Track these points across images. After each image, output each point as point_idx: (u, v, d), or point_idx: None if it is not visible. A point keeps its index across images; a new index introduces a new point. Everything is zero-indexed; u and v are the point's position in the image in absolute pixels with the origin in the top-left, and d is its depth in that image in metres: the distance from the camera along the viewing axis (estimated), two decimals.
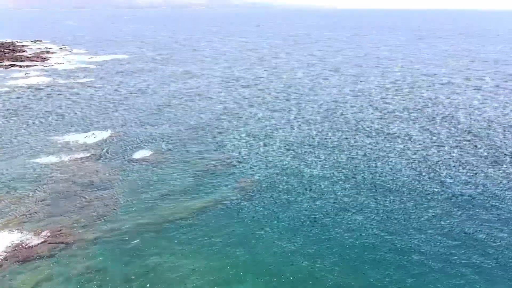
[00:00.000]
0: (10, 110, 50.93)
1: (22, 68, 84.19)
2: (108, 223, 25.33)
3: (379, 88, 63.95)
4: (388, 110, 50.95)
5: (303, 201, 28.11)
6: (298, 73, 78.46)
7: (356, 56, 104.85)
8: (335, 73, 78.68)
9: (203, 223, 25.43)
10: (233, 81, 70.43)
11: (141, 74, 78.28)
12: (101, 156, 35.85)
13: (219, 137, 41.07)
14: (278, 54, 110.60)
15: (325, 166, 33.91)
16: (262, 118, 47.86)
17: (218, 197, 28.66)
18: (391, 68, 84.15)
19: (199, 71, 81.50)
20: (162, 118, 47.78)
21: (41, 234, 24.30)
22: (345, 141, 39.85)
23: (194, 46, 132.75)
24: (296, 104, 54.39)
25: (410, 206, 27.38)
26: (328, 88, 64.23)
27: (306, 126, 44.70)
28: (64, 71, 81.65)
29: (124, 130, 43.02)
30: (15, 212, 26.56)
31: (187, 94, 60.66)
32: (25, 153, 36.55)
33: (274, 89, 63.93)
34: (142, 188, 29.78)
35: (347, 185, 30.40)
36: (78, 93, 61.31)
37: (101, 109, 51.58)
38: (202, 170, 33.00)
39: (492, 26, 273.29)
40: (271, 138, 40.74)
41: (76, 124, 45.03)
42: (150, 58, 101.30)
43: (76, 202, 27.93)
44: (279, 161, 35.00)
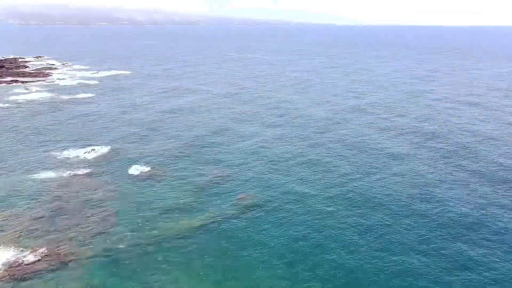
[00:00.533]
0: (10, 126, 51.10)
1: (24, 84, 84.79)
2: (106, 241, 25.10)
3: (375, 104, 64.20)
4: (382, 126, 51.02)
5: (300, 218, 27.87)
6: (295, 89, 78.88)
7: (352, 72, 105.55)
8: (332, 88, 79.07)
9: (201, 241, 25.19)
10: (230, 97, 70.75)
11: (141, 89, 78.73)
12: (100, 172, 35.78)
13: (216, 153, 41.04)
14: (276, 69, 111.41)
15: (321, 182, 33.75)
16: (258, 134, 47.88)
17: (216, 214, 28.46)
18: (387, 83, 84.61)
19: (197, 86, 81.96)
20: (160, 133, 47.86)
21: (38, 251, 24.07)
22: (339, 157, 39.78)
23: (193, 62, 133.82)
24: (291, 119, 54.50)
25: (406, 224, 27.16)
26: (323, 104, 64.46)
27: (301, 141, 44.67)
28: (66, 86, 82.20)
29: (123, 145, 43.04)
30: (13, 228, 26.37)
31: (184, 109, 60.87)
32: (25, 168, 36.52)
33: (269, 104, 64.16)
34: (140, 205, 29.61)
35: (342, 202, 30.21)
36: (79, 108, 61.58)
37: (101, 125, 51.73)
38: (200, 187, 32.87)
39: (483, 42, 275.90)
40: (267, 154, 40.67)
41: (76, 140, 45.09)
42: (150, 74, 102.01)
43: (74, 218, 27.75)
44: (276, 177, 34.87)
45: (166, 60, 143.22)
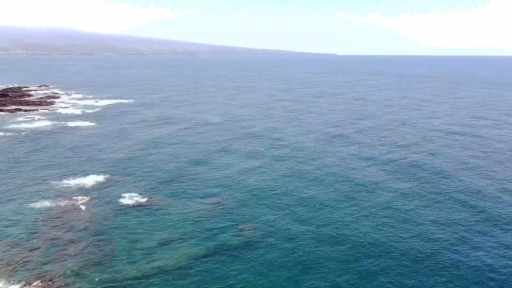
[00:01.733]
0: (10, 154, 50.88)
1: (26, 112, 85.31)
2: (104, 273, 24.28)
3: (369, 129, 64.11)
4: (369, 156, 50.66)
5: (304, 247, 27.10)
6: (285, 118, 79.11)
7: (345, 102, 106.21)
8: (321, 116, 79.30)
9: (203, 273, 24.37)
10: (226, 125, 70.82)
11: (140, 118, 79.03)
12: (98, 201, 35.19)
13: (215, 182, 40.50)
14: (269, 98, 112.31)
15: (319, 216, 33.11)
16: (259, 163, 47.47)
17: (218, 243, 27.71)
18: (376, 112, 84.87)
19: (196, 114, 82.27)
20: (158, 162, 47.42)
21: (33, 284, 23.26)
22: (331, 194, 39.21)
23: (191, 91, 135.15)
24: (284, 148, 54.22)
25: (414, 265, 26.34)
26: (312, 132, 64.39)
27: (295, 171, 44.22)
28: (68, 115, 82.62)
29: (121, 174, 42.59)
30: (8, 259, 25.61)
31: (183, 137, 60.77)
32: (22, 197, 35.95)
33: (263, 134, 64.13)
34: (138, 235, 28.89)
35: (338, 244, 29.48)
36: (79, 137, 61.56)
37: (100, 153, 51.47)
38: (198, 216, 32.21)
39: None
40: (267, 182, 40.14)
41: (75, 168, 44.70)
42: (150, 103, 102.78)
43: (70, 249, 27.00)
44: (278, 206, 34.22)
45: (166, 89, 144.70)
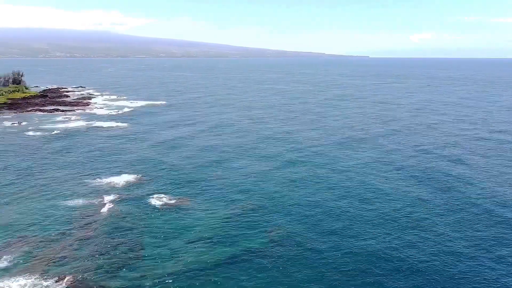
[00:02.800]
0: (48, 153, 52.85)
1: (63, 113, 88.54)
2: (132, 271, 24.71)
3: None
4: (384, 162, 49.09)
5: (329, 257, 26.61)
6: (308, 121, 78.16)
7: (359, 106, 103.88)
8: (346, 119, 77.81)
9: (228, 275, 24.37)
10: (252, 126, 70.79)
11: (173, 120, 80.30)
12: (129, 200, 35.93)
13: (243, 183, 40.52)
14: (294, 100, 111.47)
15: (355, 215, 32.40)
16: (291, 163, 47.10)
17: (244, 247, 27.66)
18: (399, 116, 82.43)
19: (227, 115, 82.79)
20: (190, 163, 47.94)
21: (65, 280, 23.95)
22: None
23: (223, 92, 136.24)
24: (310, 152, 53.51)
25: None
26: (335, 135, 63.22)
27: (332, 174, 43.52)
28: (102, 116, 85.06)
29: (153, 174, 43.32)
30: (42, 254, 26.52)
31: (215, 138, 61.19)
32: (58, 195, 37.20)
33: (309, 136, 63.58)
34: (167, 235, 29.25)
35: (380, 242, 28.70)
36: (113, 137, 63.21)
37: (132, 153, 52.62)
38: (227, 217, 32.28)
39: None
40: (298, 184, 39.76)
41: (108, 167, 45.89)
42: (184, 104, 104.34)
43: (101, 246, 27.65)
44: (309, 209, 33.81)
45: (196, 90, 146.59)
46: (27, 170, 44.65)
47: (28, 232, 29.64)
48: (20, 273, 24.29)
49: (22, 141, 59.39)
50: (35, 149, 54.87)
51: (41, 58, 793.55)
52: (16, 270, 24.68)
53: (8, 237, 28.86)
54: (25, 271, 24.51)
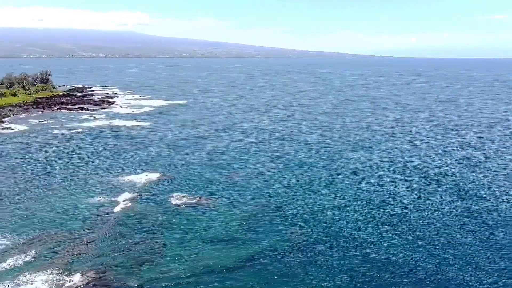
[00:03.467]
0: (71, 150, 53.97)
1: (88, 111, 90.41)
2: (152, 270, 24.85)
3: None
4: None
5: (357, 262, 26.11)
6: (323, 122, 77.14)
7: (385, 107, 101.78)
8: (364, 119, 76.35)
9: (248, 275, 24.20)
10: (283, 126, 70.44)
11: (197, 119, 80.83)
12: (149, 199, 36.24)
13: (264, 183, 40.29)
14: (310, 100, 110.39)
15: (372, 218, 31.73)
16: (314, 164, 46.60)
17: (265, 247, 27.45)
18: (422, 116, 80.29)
19: (253, 116, 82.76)
20: (209, 163, 48.01)
21: (86, 275, 24.29)
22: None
23: (242, 92, 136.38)
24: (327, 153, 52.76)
25: None
26: (350, 136, 62.05)
27: (348, 175, 42.80)
28: (126, 114, 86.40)
29: (174, 173, 43.61)
30: (65, 250, 27.00)
31: (235, 138, 61.21)
32: (80, 192, 37.88)
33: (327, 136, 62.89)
34: (186, 234, 29.30)
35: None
36: (137, 135, 64.07)
37: (154, 152, 53.17)
38: (247, 217, 32.13)
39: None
40: (320, 186, 39.25)
41: (131, 165, 46.48)
42: (206, 103, 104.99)
43: (122, 244, 27.94)
44: (328, 212, 33.31)
45: (218, 90, 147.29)
46: (52, 167, 45.69)
47: (52, 228, 30.24)
48: (43, 268, 24.78)
49: (48, 139, 60.88)
50: (59, 146, 56.14)
51: (67, 58, 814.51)
52: (39, 264, 25.20)
53: (33, 232, 29.52)
54: (48, 266, 24.99)
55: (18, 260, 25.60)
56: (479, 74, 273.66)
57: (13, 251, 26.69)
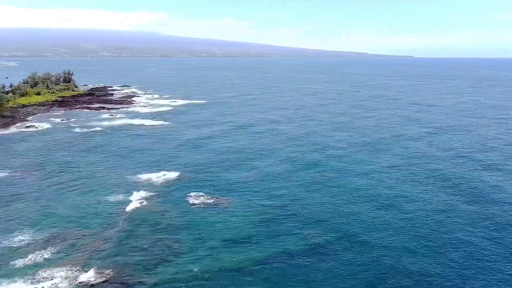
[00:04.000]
0: (91, 149, 54.84)
1: (109, 111, 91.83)
2: (169, 269, 24.93)
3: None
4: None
5: (368, 260, 25.61)
6: (338, 122, 76.08)
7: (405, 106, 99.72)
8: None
9: (265, 276, 24.01)
10: (301, 127, 69.98)
11: (215, 119, 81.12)
12: (168, 197, 36.46)
13: (284, 186, 40.04)
14: (327, 101, 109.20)
15: (394, 221, 31.08)
16: (327, 164, 46.08)
17: (281, 248, 27.21)
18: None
19: (271, 116, 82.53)
20: (227, 162, 48.05)
21: (104, 273, 24.54)
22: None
23: (260, 92, 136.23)
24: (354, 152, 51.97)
25: None
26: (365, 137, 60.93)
27: (365, 176, 42.09)
28: (145, 114, 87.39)
29: (192, 172, 43.76)
30: (84, 247, 27.36)
31: (252, 137, 61.10)
32: (99, 189, 38.38)
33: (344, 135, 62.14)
34: (204, 234, 29.30)
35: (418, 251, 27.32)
36: (156, 135, 64.69)
37: (174, 151, 53.54)
38: (265, 220, 31.93)
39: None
40: (336, 187, 38.75)
41: (149, 164, 46.90)
42: (223, 102, 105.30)
43: (141, 242, 28.14)
44: (346, 214, 32.83)
45: (236, 90, 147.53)
46: (72, 165, 46.50)
47: (71, 225, 30.70)
48: (62, 265, 25.15)
49: (69, 137, 62.06)
50: (80, 145, 57.13)
51: (90, 58, 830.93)
52: (58, 261, 25.58)
53: (52, 229, 30.02)
54: (67, 263, 25.35)
55: (38, 256, 26.08)
56: (502, 75, 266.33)
57: (33, 247, 27.19)
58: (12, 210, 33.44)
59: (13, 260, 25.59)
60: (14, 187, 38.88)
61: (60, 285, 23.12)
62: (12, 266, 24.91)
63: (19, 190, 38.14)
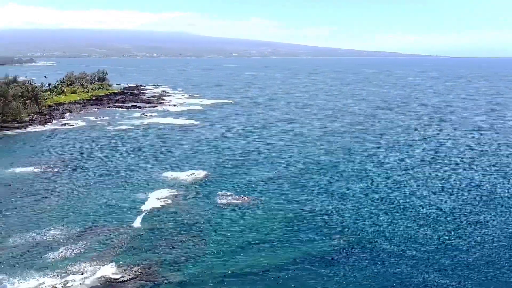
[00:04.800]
0: (122, 147, 55.93)
1: (140, 109, 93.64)
2: (195, 267, 24.92)
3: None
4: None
5: (396, 271, 24.66)
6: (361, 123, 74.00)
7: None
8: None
9: (290, 279, 23.58)
10: (331, 129, 68.88)
11: (242, 118, 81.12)
12: (196, 196, 36.57)
13: (310, 185, 39.39)
14: (353, 101, 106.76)
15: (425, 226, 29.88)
16: (365, 171, 45.03)
17: (308, 251, 26.70)
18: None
19: (304, 118, 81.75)
20: (255, 162, 47.79)
21: (132, 270, 24.78)
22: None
23: (289, 92, 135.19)
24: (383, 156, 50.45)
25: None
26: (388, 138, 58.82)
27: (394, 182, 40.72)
28: (176, 113, 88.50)
29: (220, 171, 43.78)
30: (113, 244, 27.77)
31: (281, 138, 60.57)
32: (129, 187, 38.96)
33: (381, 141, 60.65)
34: (229, 233, 29.16)
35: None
36: (185, 133, 65.32)
37: (202, 150, 53.82)
38: (292, 219, 31.47)
39: None
40: (373, 194, 37.73)
41: (177, 163, 47.31)
42: (251, 103, 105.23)
43: (168, 240, 28.31)
44: (376, 219, 31.88)
45: (265, 89, 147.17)
46: (103, 162, 47.56)
47: (101, 221, 31.28)
48: (92, 260, 25.61)
49: (101, 135, 63.62)
50: (111, 142, 58.43)
51: (123, 57, 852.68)
52: (88, 256, 26.07)
53: (84, 224, 30.65)
54: (96, 258, 25.80)
55: (69, 250, 26.68)
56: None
57: (65, 242, 27.85)
58: (46, 205, 34.48)
59: (45, 253, 26.29)
60: (48, 183, 40.14)
61: (88, 280, 23.52)
62: (44, 260, 25.59)
63: (52, 185, 39.33)
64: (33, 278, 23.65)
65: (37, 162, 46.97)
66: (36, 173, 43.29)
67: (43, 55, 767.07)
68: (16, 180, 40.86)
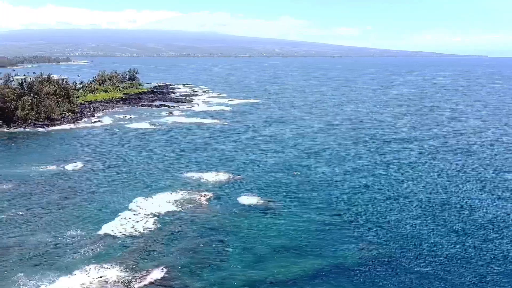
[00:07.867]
0: (149, 146, 56.02)
1: (169, 108, 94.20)
2: (215, 273, 24.11)
3: None
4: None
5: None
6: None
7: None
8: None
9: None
10: (362, 135, 66.78)
11: (268, 118, 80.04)
12: (218, 199, 35.79)
13: (337, 189, 37.89)
14: (383, 103, 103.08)
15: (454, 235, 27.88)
16: (394, 176, 43.04)
17: (334, 260, 25.38)
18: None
19: (330, 118, 79.87)
20: (280, 165, 46.67)
21: (151, 274, 24.23)
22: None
23: (315, 92, 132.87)
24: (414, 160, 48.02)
25: None
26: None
27: (426, 188, 38.50)
28: (203, 112, 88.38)
29: (243, 174, 42.86)
30: (133, 247, 27.33)
31: (309, 140, 59.11)
32: (152, 187, 38.59)
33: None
34: (252, 239, 28.17)
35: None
36: (211, 134, 64.88)
37: (226, 151, 53.14)
38: (317, 226, 30.17)
39: None
40: (393, 198, 35.88)
41: (201, 163, 46.76)
42: (278, 103, 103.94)
43: (189, 244, 27.65)
44: (403, 226, 30.10)
45: (292, 89, 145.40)
46: (129, 161, 47.65)
47: (122, 222, 30.94)
48: (111, 261, 25.26)
49: (129, 133, 64.10)
50: (138, 141, 58.68)
51: (155, 57, 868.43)
52: (108, 258, 25.74)
53: (105, 226, 30.34)
54: (116, 260, 25.43)
55: (89, 251, 26.45)
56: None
57: (85, 243, 27.65)
58: (70, 204, 34.63)
59: (66, 254, 26.15)
60: (74, 181, 40.45)
61: (107, 284, 23.14)
62: (64, 260, 25.44)
63: (77, 184, 39.58)
64: (52, 277, 23.50)
65: (65, 160, 47.62)
66: (63, 171, 43.81)
67: (79, 54, 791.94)
68: (43, 177, 41.44)
